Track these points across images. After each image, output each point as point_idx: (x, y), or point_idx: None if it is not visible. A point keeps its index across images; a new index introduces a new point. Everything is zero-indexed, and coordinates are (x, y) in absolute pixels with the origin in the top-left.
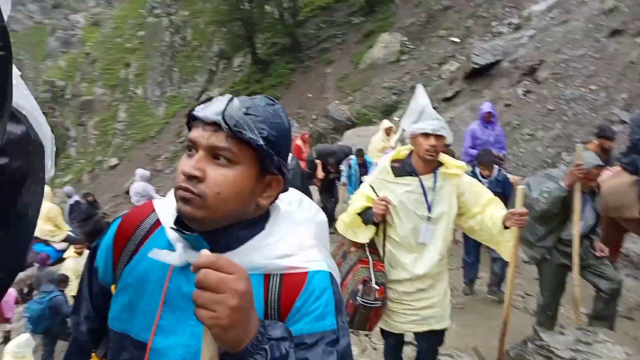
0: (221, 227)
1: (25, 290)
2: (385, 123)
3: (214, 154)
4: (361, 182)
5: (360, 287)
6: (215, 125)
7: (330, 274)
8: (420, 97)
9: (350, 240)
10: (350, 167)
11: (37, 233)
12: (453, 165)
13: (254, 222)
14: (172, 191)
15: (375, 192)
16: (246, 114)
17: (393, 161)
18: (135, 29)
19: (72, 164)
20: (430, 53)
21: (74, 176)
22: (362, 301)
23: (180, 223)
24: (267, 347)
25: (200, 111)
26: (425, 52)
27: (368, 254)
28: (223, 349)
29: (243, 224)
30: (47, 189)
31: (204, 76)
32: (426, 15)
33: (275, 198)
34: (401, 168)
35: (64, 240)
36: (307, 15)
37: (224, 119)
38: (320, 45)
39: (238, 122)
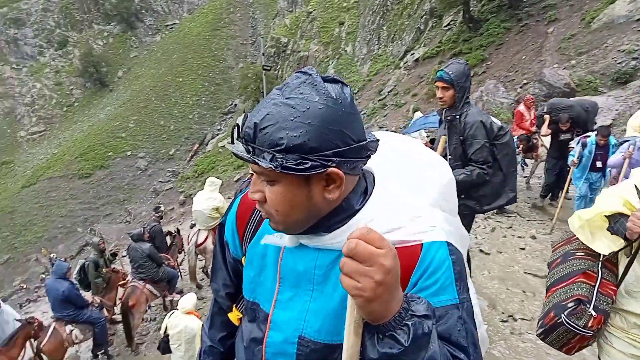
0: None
1: None
2: None
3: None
4: (597, 168)
5: (572, 305)
6: None
7: (448, 243)
8: None
9: (582, 243)
10: (584, 146)
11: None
12: None
13: (349, 200)
14: None
15: None
16: (261, 130)
17: None
18: None
19: None
20: None
21: None
22: (568, 322)
23: None
24: (409, 323)
25: (237, 147)
26: None
27: (599, 268)
28: (365, 319)
29: (334, 215)
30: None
31: (411, 35)
32: None
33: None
34: None
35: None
36: None
37: (235, 153)
38: (545, 1)
39: (255, 151)
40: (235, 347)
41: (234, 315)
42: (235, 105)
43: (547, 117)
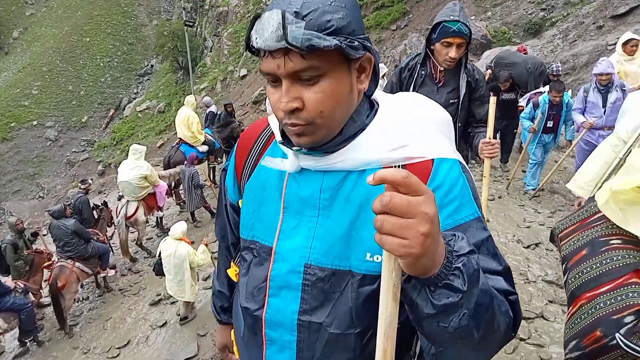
0: None
1: (173, 184)
2: (626, 35)
3: (297, 77)
4: (549, 129)
5: (630, 319)
6: (282, 49)
7: (459, 161)
8: None
9: (612, 226)
10: (536, 106)
11: (180, 136)
12: None
13: (359, 113)
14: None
15: None
16: (303, 17)
17: None
18: None
19: (207, 73)
20: None
21: (209, 84)
22: (627, 344)
23: (286, 137)
24: (460, 266)
25: (260, 40)
26: None
27: None
28: (413, 275)
29: (350, 124)
30: (191, 97)
31: None
32: None
33: (374, 76)
34: None
35: (203, 144)
36: None
37: (289, 43)
38: None
39: (304, 38)
40: (233, 307)
41: (232, 272)
42: (152, 66)
43: (488, 72)
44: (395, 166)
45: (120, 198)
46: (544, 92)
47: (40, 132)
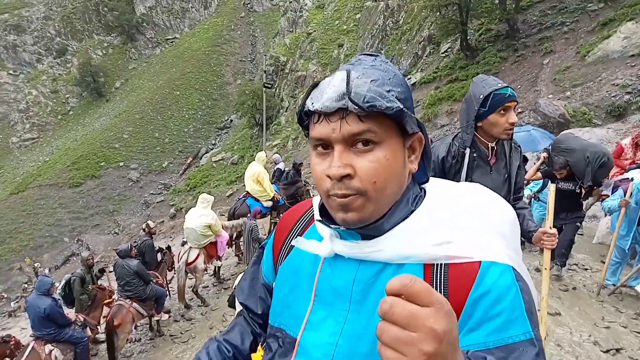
0: None
1: (235, 235)
2: None
3: (351, 142)
4: None
5: None
6: (340, 112)
7: (513, 267)
8: None
9: None
10: (630, 193)
11: (248, 190)
12: None
13: (407, 198)
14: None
15: None
16: (372, 82)
17: None
18: (354, 12)
19: (281, 131)
20: None
21: (281, 141)
22: None
23: (328, 215)
24: None
25: (317, 103)
26: None
27: None
28: None
29: (397, 207)
30: (262, 154)
31: (409, 60)
32: None
33: (424, 158)
34: None
35: (270, 200)
36: (531, 0)
37: (351, 100)
38: (541, 33)
39: (367, 95)
40: None
41: (257, 356)
42: (231, 120)
43: (544, 155)
44: (436, 264)
45: (183, 243)
46: (637, 177)
47: (124, 173)
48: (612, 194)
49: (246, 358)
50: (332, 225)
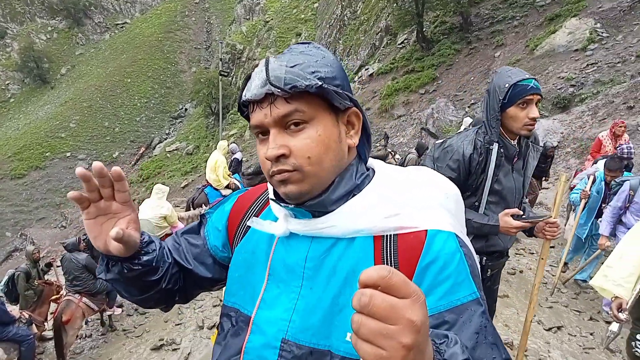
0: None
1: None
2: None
3: (284, 124)
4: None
5: None
6: (268, 97)
7: (456, 234)
8: None
9: None
10: (592, 181)
11: (207, 178)
12: None
13: (350, 173)
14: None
15: None
16: (292, 67)
17: None
18: (312, 1)
19: (238, 120)
20: (627, 43)
21: (238, 130)
22: None
23: (279, 196)
24: None
25: (248, 92)
26: (621, 42)
27: None
28: None
29: (340, 181)
30: (223, 142)
31: (366, 50)
32: (631, 0)
33: (364, 136)
34: None
35: (226, 188)
36: None
37: (272, 83)
38: (493, 26)
39: (286, 77)
40: None
41: (214, 338)
42: (186, 109)
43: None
44: (385, 235)
45: None
46: (599, 167)
47: (71, 164)
48: (581, 181)
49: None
50: (282, 204)
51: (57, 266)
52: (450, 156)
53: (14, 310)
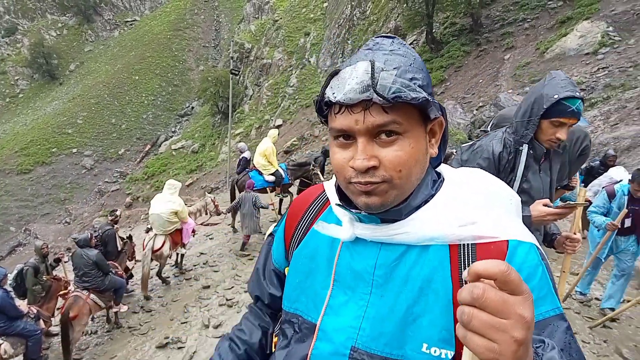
0: None
1: (228, 210)
2: None
3: (375, 134)
4: (626, 230)
5: None
6: (363, 103)
7: (537, 246)
8: None
9: None
10: (612, 197)
11: (254, 163)
12: None
13: (427, 182)
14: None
15: None
16: (388, 71)
17: None
18: (321, 0)
19: (244, 119)
20: None
21: (244, 129)
22: None
23: (346, 199)
24: None
25: (339, 94)
26: (633, 47)
27: None
28: None
29: (419, 190)
30: (274, 131)
31: None
32: None
33: (442, 142)
34: None
35: (272, 174)
36: None
37: (377, 92)
38: (503, 28)
39: (392, 87)
40: None
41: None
42: (192, 108)
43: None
44: (463, 244)
45: (148, 231)
46: (620, 180)
47: (77, 160)
48: (594, 196)
49: (258, 351)
50: (353, 210)
51: (65, 262)
52: (480, 155)
53: (22, 304)
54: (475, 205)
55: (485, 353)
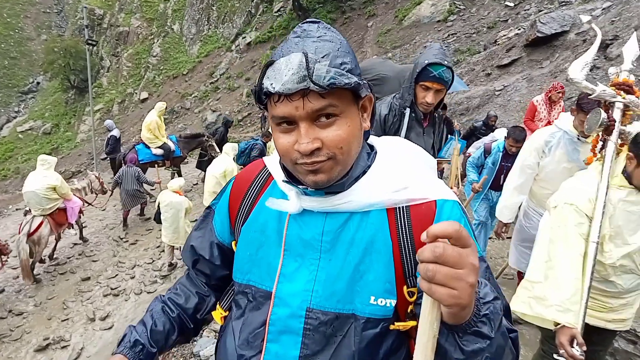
0: None
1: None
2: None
3: (314, 117)
4: (500, 186)
5: None
6: (301, 91)
7: (458, 202)
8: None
9: None
10: (488, 153)
11: (141, 137)
12: None
13: (363, 155)
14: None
15: None
16: (320, 59)
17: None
18: None
19: (103, 94)
20: (480, 15)
21: (104, 105)
22: None
23: (291, 176)
24: (487, 312)
25: (277, 84)
26: (475, 14)
27: None
28: (450, 323)
29: (357, 163)
30: (161, 104)
31: (242, 18)
32: None
33: (372, 116)
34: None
35: (159, 147)
36: None
37: (313, 82)
38: None
39: (327, 76)
40: (219, 350)
41: (217, 314)
42: (38, 83)
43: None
44: (398, 207)
45: (26, 213)
46: (498, 138)
47: None
48: (476, 149)
49: (192, 317)
50: (299, 186)
51: None
52: None
53: None
54: (404, 171)
55: (449, 300)
